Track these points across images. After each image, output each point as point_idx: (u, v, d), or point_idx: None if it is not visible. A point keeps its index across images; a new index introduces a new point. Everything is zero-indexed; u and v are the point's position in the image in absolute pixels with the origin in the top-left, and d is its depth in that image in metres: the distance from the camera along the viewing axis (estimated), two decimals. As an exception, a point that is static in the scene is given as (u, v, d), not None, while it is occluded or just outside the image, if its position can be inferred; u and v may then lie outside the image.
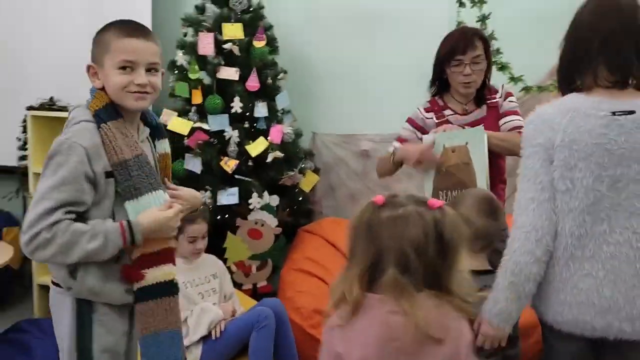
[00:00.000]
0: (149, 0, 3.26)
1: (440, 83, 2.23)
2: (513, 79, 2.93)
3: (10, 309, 3.21)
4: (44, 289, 3.03)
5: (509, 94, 2.23)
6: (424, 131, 2.20)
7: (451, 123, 2.17)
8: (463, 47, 2.09)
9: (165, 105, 3.12)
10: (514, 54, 2.84)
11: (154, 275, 1.40)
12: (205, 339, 2.28)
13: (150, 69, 1.43)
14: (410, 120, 2.25)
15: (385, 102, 3.38)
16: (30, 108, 3.03)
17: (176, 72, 2.99)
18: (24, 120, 3.05)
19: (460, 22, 2.89)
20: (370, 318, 1.17)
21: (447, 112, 2.20)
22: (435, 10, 3.06)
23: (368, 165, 3.41)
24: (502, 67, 2.91)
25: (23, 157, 3.10)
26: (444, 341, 1.15)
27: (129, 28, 1.42)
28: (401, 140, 2.24)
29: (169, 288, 1.44)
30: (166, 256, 1.44)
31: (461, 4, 2.88)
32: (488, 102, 2.20)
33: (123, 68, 1.39)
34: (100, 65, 1.43)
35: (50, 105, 3.08)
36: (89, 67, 1.46)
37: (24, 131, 3.05)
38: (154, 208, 1.40)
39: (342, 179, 3.48)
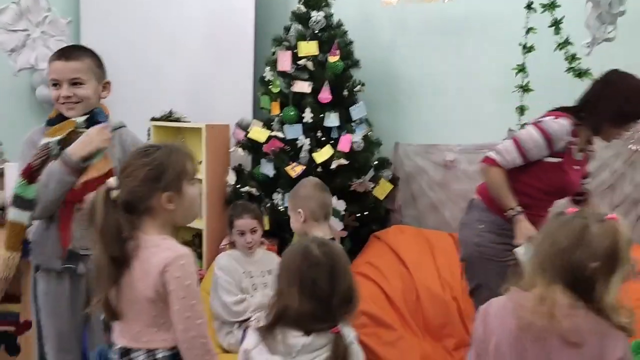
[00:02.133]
0: (252, 28, 3.72)
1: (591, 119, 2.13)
2: (595, 85, 2.70)
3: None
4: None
5: None
6: (553, 153, 2.10)
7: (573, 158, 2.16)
8: None
9: (256, 116, 3.54)
10: (591, 60, 2.61)
11: None
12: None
13: (75, 83, 1.76)
14: (548, 138, 2.08)
15: (467, 113, 3.33)
16: (153, 119, 3.68)
17: (263, 86, 3.36)
18: (149, 129, 3.69)
19: (530, 29, 2.77)
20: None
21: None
22: (512, 18, 2.95)
23: (449, 175, 3.39)
24: (581, 74, 2.70)
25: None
26: (582, 345, 1.25)
27: (58, 52, 1.80)
28: (522, 152, 2.09)
29: None
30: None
31: (530, 9, 2.74)
32: (590, 151, 2.26)
33: (54, 85, 1.78)
34: None
35: (168, 117, 3.68)
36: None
37: (148, 138, 3.69)
38: None
39: (423, 188, 3.49)
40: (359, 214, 3.23)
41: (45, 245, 1.80)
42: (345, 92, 3.26)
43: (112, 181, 1.40)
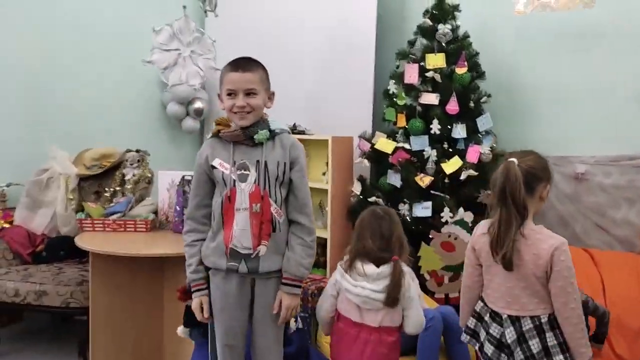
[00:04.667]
0: (373, 43, 3.80)
1: None
2: None
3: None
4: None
5: None
6: None
7: None
8: None
9: (380, 128, 3.60)
10: None
11: None
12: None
13: (249, 94, 1.85)
14: None
15: (600, 124, 3.21)
16: (278, 132, 3.83)
17: (387, 99, 3.42)
18: (274, 142, 3.85)
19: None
20: None
21: None
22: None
23: (580, 188, 3.27)
24: None
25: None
26: None
27: (232, 65, 1.88)
28: None
29: None
30: None
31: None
32: None
33: (229, 95, 1.86)
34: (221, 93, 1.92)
35: (292, 129, 3.83)
36: (219, 95, 1.94)
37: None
38: None
39: (552, 201, 3.39)
40: (486, 226, 3.19)
41: (214, 247, 1.92)
42: (472, 104, 3.25)
43: (515, 159, 1.79)
